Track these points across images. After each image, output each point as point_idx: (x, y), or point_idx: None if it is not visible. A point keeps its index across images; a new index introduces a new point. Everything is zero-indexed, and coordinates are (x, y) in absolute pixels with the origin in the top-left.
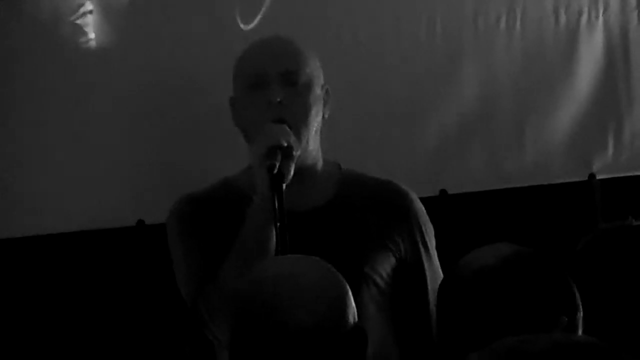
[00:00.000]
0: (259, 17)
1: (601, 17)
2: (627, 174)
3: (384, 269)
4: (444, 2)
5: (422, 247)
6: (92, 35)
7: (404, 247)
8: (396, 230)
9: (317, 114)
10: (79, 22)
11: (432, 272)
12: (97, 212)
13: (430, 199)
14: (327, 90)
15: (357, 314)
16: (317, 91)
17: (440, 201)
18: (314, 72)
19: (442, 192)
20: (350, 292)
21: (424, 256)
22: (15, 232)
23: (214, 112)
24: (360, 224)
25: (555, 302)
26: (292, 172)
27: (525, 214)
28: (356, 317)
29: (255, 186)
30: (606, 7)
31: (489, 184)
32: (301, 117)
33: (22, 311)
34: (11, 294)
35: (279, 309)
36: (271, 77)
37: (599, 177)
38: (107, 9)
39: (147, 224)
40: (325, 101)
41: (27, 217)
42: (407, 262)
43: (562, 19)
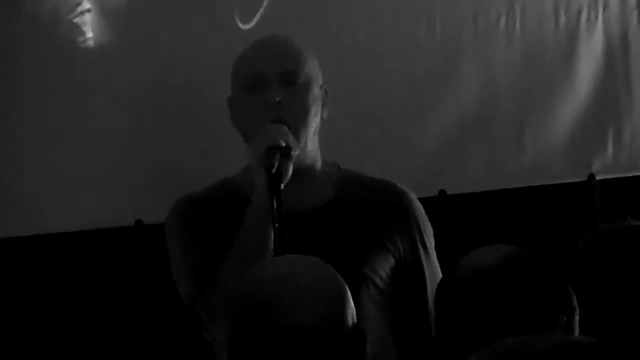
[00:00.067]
0: (258, 17)
1: (601, 17)
2: (627, 175)
3: (383, 269)
4: (443, 2)
5: (421, 247)
6: (90, 34)
7: (402, 247)
8: (395, 230)
9: (315, 114)
10: (76, 20)
11: (431, 272)
12: (96, 212)
13: (429, 199)
14: (325, 90)
15: (356, 314)
16: (316, 91)
17: (439, 202)
18: (313, 72)
19: (442, 192)
20: (349, 292)
21: (422, 256)
22: (14, 232)
23: (213, 112)
24: (359, 224)
25: (554, 302)
26: (290, 172)
27: (524, 214)
28: (355, 317)
29: (254, 186)
30: (606, 7)
31: (488, 184)
32: (300, 117)
33: (22, 311)
34: (11, 294)
35: (278, 309)
36: (270, 78)
37: (598, 177)
38: (105, 7)
39: (146, 224)
40: (324, 101)
41: (26, 217)
42: (406, 262)
43: (562, 19)
